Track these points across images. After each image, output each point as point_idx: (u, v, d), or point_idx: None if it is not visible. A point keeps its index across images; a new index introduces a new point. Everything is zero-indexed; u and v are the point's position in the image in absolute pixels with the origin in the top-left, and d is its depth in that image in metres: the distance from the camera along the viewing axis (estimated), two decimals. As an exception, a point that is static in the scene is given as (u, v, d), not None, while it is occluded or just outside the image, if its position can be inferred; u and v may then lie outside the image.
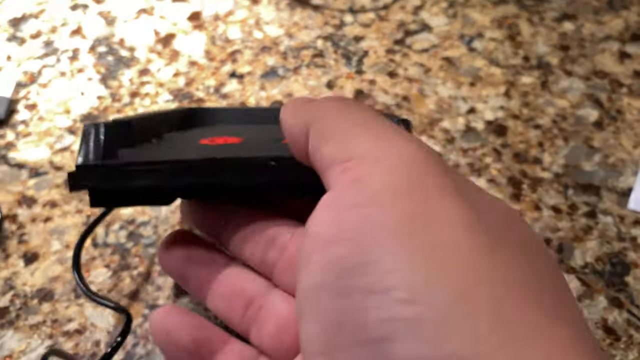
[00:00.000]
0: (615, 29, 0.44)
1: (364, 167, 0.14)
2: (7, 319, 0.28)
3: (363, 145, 0.14)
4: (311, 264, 0.13)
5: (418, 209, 0.12)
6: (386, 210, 0.13)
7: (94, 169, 0.18)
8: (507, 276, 0.12)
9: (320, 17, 0.44)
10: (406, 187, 0.13)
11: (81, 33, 0.42)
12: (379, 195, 0.13)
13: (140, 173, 0.18)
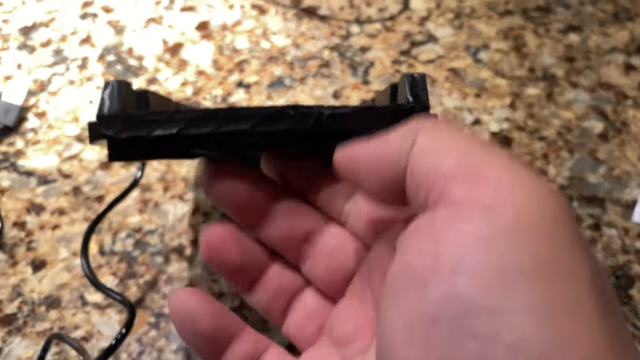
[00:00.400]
0: (620, 41, 0.44)
1: (495, 193, 0.13)
2: (15, 326, 0.28)
3: (490, 168, 0.13)
4: (429, 291, 0.12)
5: (552, 256, 0.12)
6: (522, 251, 0.12)
7: (115, 119, 0.18)
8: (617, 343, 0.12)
9: (326, 28, 0.44)
10: (543, 231, 0.12)
11: (90, 42, 0.43)
12: (515, 232, 0.12)
13: (161, 122, 0.18)
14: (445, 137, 0.14)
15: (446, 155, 0.14)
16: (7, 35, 0.43)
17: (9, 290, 0.30)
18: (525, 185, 0.13)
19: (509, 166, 0.13)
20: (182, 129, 0.18)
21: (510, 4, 0.47)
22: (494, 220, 0.12)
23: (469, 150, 0.14)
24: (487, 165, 0.13)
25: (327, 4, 0.46)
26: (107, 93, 0.19)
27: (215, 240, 0.20)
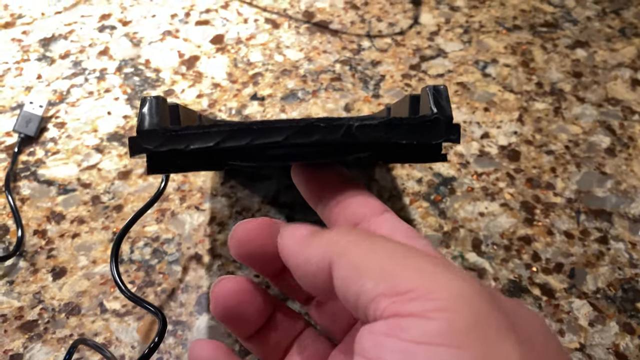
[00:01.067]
0: (627, 57, 0.45)
1: (421, 303, 0.14)
2: (36, 332, 0.29)
3: (411, 279, 0.15)
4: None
5: (485, 351, 0.13)
6: (456, 352, 0.13)
7: (154, 133, 0.19)
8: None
9: (338, 42, 0.45)
10: (470, 328, 0.14)
11: (108, 54, 0.44)
12: (447, 335, 0.13)
13: (197, 136, 0.19)
14: (361, 257, 0.16)
15: (366, 277, 0.15)
16: (27, 47, 0.44)
17: (30, 297, 0.30)
18: (442, 286, 0.14)
19: (420, 269, 0.15)
20: (219, 142, 0.19)
21: (519, 19, 0.48)
22: (428, 328, 0.14)
23: (384, 266, 0.15)
24: (403, 276, 0.15)
25: (338, 18, 0.47)
26: (145, 108, 0.20)
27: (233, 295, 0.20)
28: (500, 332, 0.14)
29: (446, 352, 0.13)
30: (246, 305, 0.20)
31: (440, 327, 0.14)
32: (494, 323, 0.14)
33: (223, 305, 0.20)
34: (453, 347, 0.13)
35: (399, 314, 0.14)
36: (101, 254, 0.32)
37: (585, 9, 0.49)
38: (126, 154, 0.37)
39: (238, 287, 0.20)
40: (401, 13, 0.48)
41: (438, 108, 0.19)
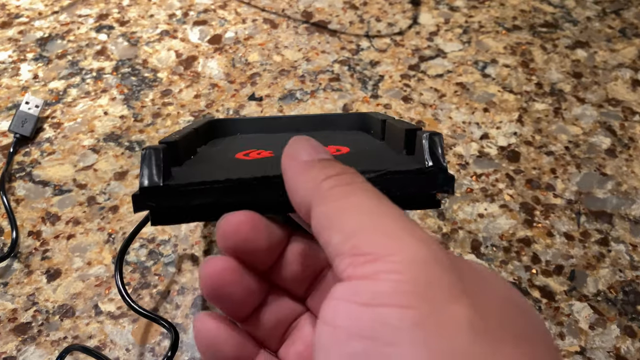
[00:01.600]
0: (628, 57, 0.44)
1: (376, 266, 0.14)
2: (29, 335, 0.29)
3: (372, 241, 0.15)
4: (330, 355, 0.14)
5: (431, 312, 0.14)
6: (402, 313, 0.14)
7: (157, 190, 0.20)
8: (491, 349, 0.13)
9: (337, 42, 0.45)
10: (420, 289, 0.14)
11: (105, 54, 0.43)
12: (393, 297, 0.14)
13: (199, 192, 0.20)
14: (335, 206, 0.16)
15: (334, 230, 0.16)
16: (24, 46, 0.44)
17: (24, 299, 0.30)
18: (401, 250, 0.15)
19: (385, 232, 0.15)
20: (218, 198, 0.20)
21: (518, 19, 0.48)
22: (377, 289, 0.14)
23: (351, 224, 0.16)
24: (366, 238, 0.15)
25: (337, 18, 0.47)
26: (146, 163, 0.20)
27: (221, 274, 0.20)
28: (451, 295, 0.14)
29: (391, 312, 0.13)
30: (236, 285, 0.20)
31: (388, 289, 0.14)
32: (446, 286, 0.14)
33: (212, 285, 0.19)
34: (399, 307, 0.13)
35: (355, 276, 0.15)
36: (96, 256, 0.32)
37: (585, 9, 0.49)
38: (122, 155, 0.37)
39: (227, 265, 0.20)
40: (400, 13, 0.48)
41: (433, 159, 0.20)
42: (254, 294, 0.20)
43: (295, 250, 0.21)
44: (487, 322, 0.14)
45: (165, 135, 0.37)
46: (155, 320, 0.27)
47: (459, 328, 0.13)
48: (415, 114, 0.40)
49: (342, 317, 0.14)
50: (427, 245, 0.15)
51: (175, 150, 0.22)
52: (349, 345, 0.14)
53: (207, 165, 0.24)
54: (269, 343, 0.21)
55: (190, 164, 0.24)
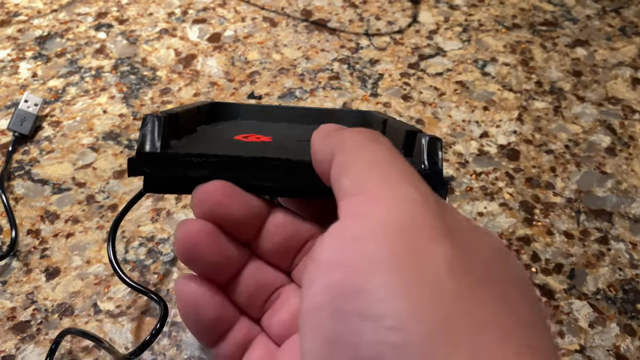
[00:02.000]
0: (627, 55, 0.44)
1: (368, 204, 0.15)
2: (28, 333, 0.29)
3: (371, 183, 0.16)
4: (313, 286, 0.15)
5: (411, 247, 0.14)
6: (382, 245, 0.14)
7: (154, 157, 0.20)
8: (484, 313, 0.13)
9: (336, 40, 0.45)
10: (401, 226, 0.14)
11: (104, 52, 0.43)
12: (377, 231, 0.14)
13: (196, 164, 0.20)
14: (352, 157, 0.17)
15: (346, 175, 0.17)
16: (23, 45, 0.44)
17: (23, 297, 0.30)
18: (394, 192, 0.15)
19: (385, 177, 0.16)
20: (214, 172, 0.20)
21: (518, 18, 0.47)
22: (365, 224, 0.15)
23: (360, 169, 0.17)
24: (367, 180, 0.16)
25: (337, 16, 0.47)
26: (146, 129, 0.20)
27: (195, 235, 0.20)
28: (433, 235, 0.14)
29: (373, 246, 0.14)
30: (211, 247, 0.20)
31: (374, 225, 0.14)
32: (429, 226, 0.15)
33: (186, 245, 0.20)
34: (380, 241, 0.14)
35: (348, 215, 0.15)
36: (95, 254, 0.32)
37: (585, 7, 0.49)
38: (121, 153, 0.37)
39: (202, 227, 0.20)
40: (400, 11, 0.48)
41: (430, 163, 0.20)
42: (232, 259, 0.21)
43: (275, 222, 0.21)
44: (466, 264, 0.14)
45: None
46: (144, 293, 0.27)
47: (436, 264, 0.14)
48: (415, 112, 0.40)
49: (328, 250, 0.15)
50: (420, 191, 0.16)
51: (176, 121, 0.22)
52: (331, 274, 0.14)
53: (206, 142, 0.24)
54: (250, 310, 0.22)
55: (189, 139, 0.24)
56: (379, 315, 0.13)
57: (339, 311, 0.14)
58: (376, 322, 0.13)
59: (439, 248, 0.14)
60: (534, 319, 0.14)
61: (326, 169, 0.18)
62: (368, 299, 0.13)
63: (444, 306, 0.13)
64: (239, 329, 0.21)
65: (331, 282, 0.14)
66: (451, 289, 0.13)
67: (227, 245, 0.20)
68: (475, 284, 0.14)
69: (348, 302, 0.14)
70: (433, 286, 0.13)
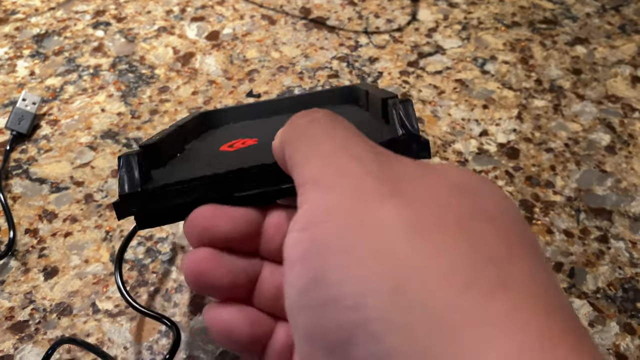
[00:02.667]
0: (627, 53, 0.44)
1: (309, 193, 0.15)
2: (27, 333, 0.29)
3: (312, 171, 0.16)
4: (285, 286, 0.15)
5: (358, 221, 0.14)
6: (329, 229, 0.14)
7: (136, 196, 0.20)
8: (441, 263, 0.12)
9: (335, 38, 0.45)
10: (342, 204, 0.14)
11: (102, 50, 0.43)
12: (324, 215, 0.14)
13: (177, 192, 0.20)
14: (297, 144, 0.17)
15: (293, 168, 0.17)
16: (21, 43, 0.44)
17: (21, 297, 0.30)
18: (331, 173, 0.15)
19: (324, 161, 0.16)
20: (198, 194, 0.20)
21: (518, 16, 0.47)
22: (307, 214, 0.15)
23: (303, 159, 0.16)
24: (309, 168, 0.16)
25: (336, 14, 0.47)
26: (123, 171, 0.20)
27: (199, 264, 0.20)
28: (377, 198, 0.14)
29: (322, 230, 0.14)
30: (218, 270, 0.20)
31: (320, 209, 0.14)
32: (371, 191, 0.14)
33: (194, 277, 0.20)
34: (329, 223, 0.14)
35: (300, 205, 0.15)
36: (94, 253, 0.32)
37: (584, 5, 0.49)
38: (120, 152, 0.37)
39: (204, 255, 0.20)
40: (399, 9, 0.48)
41: (404, 127, 0.20)
42: (244, 273, 0.21)
43: (272, 222, 0.21)
44: (416, 215, 0.13)
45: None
46: (157, 319, 0.26)
47: (387, 227, 0.13)
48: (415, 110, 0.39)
49: (289, 248, 0.15)
50: (358, 159, 0.15)
51: (155, 151, 0.22)
52: (293, 271, 0.15)
53: (191, 162, 0.24)
54: (280, 312, 0.21)
55: (174, 162, 0.24)
56: (337, 299, 0.13)
57: (305, 304, 0.14)
58: (336, 305, 0.13)
59: (385, 210, 0.14)
60: (510, 252, 0.13)
61: (283, 165, 0.19)
62: (325, 285, 0.13)
63: (397, 271, 0.13)
64: (279, 335, 0.21)
65: (293, 277, 0.14)
66: (402, 249, 0.13)
67: (234, 262, 0.20)
68: (430, 234, 0.13)
69: (311, 294, 0.14)
70: (383, 254, 0.13)
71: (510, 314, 0.11)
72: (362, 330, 0.12)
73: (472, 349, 0.11)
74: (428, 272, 0.12)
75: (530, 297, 0.12)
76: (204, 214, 0.20)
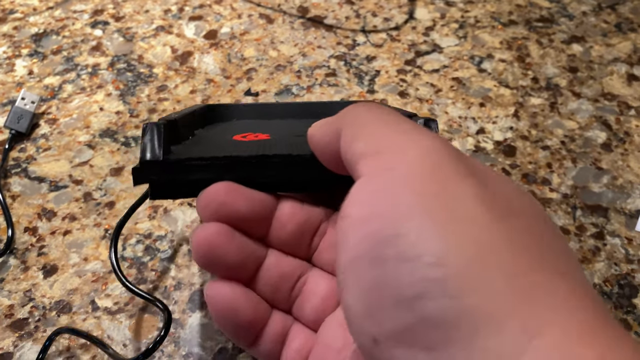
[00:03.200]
0: (623, 52, 0.44)
1: (392, 157, 0.16)
2: (26, 331, 0.29)
3: (390, 140, 0.16)
4: (348, 240, 0.15)
5: (440, 190, 0.14)
6: (411, 192, 0.15)
7: (157, 164, 0.20)
8: (516, 241, 0.14)
9: (333, 37, 0.45)
10: (429, 173, 0.15)
11: (101, 49, 0.43)
12: (407, 180, 0.15)
13: (198, 168, 0.20)
14: (360, 124, 0.18)
15: (359, 140, 0.17)
16: (19, 42, 0.44)
17: (20, 295, 0.30)
18: (413, 143, 0.16)
19: (401, 132, 0.17)
20: (216, 173, 0.20)
21: (514, 14, 0.48)
22: (392, 176, 0.15)
23: (375, 131, 0.17)
24: (386, 138, 0.17)
25: (333, 13, 0.47)
26: (147, 138, 0.20)
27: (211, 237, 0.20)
28: (458, 175, 0.15)
29: (402, 193, 0.15)
30: (227, 247, 0.20)
31: (399, 175, 0.15)
32: (454, 168, 0.15)
33: (203, 249, 0.20)
34: (409, 188, 0.15)
35: (372, 172, 0.16)
36: (93, 251, 0.32)
37: (581, 3, 0.49)
38: (118, 150, 0.37)
39: (216, 229, 0.20)
40: (396, 8, 0.48)
41: None
42: (251, 255, 0.21)
43: (285, 211, 0.21)
44: (492, 199, 0.15)
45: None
46: (148, 300, 0.27)
47: (465, 200, 0.14)
48: (412, 109, 0.40)
49: (358, 204, 0.15)
50: (436, 138, 0.16)
51: (175, 128, 0.23)
52: (364, 226, 0.15)
53: (206, 145, 0.24)
54: (278, 302, 0.22)
55: (188, 144, 0.24)
56: (416, 256, 0.14)
57: (377, 258, 0.14)
58: (415, 262, 0.13)
59: (465, 186, 0.15)
60: (560, 248, 0.15)
61: (333, 150, 0.19)
62: (404, 242, 0.14)
63: (479, 237, 0.14)
64: (274, 324, 0.21)
65: (367, 232, 0.15)
66: (482, 220, 0.14)
67: (244, 242, 0.20)
68: (503, 216, 0.14)
69: (385, 249, 0.14)
70: (465, 221, 0.14)
71: (571, 293, 0.13)
72: (440, 286, 0.13)
73: (541, 317, 0.12)
74: (506, 245, 0.14)
75: (581, 285, 0.14)
76: (224, 189, 0.20)
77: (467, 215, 0.14)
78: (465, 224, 0.14)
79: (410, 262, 0.14)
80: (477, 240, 0.13)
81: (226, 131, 0.28)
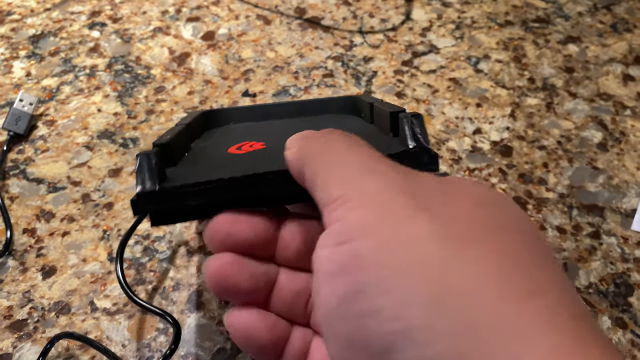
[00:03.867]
0: (619, 52, 0.45)
1: (340, 209, 0.16)
2: (25, 332, 0.29)
3: (339, 189, 0.17)
4: (320, 297, 0.16)
5: (391, 235, 0.15)
6: (365, 243, 0.15)
7: (153, 195, 0.20)
8: (477, 274, 0.13)
9: (330, 38, 0.45)
10: (380, 217, 0.15)
11: (98, 51, 0.43)
12: (354, 232, 0.15)
13: (194, 193, 0.20)
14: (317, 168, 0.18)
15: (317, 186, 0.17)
16: (17, 44, 0.44)
17: (19, 296, 0.30)
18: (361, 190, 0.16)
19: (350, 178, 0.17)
20: (212, 196, 0.21)
21: (510, 15, 0.48)
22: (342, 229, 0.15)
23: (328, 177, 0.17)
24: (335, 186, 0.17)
25: (330, 14, 0.47)
26: (140, 169, 0.21)
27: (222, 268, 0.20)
28: (407, 214, 0.15)
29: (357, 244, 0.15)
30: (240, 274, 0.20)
31: (352, 224, 0.15)
32: (401, 207, 0.15)
33: (218, 281, 0.20)
34: (362, 238, 0.15)
35: (330, 222, 0.16)
36: (91, 252, 0.32)
37: (576, 4, 0.49)
38: (116, 152, 0.37)
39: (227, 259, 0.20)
40: (393, 9, 0.48)
41: (416, 140, 0.21)
42: (263, 278, 0.21)
43: (290, 229, 0.22)
44: (448, 229, 0.14)
45: (159, 132, 0.38)
46: (158, 314, 0.27)
47: (421, 240, 0.14)
48: (409, 109, 0.40)
49: (323, 262, 0.16)
50: (384, 177, 0.16)
51: (168, 151, 0.23)
52: (331, 283, 0.15)
53: (201, 163, 0.24)
54: (296, 318, 0.22)
55: (185, 162, 0.24)
56: (377, 310, 0.14)
57: (345, 315, 0.15)
58: (378, 316, 0.14)
59: (416, 226, 0.15)
60: (535, 261, 0.14)
61: (301, 181, 0.19)
62: (364, 298, 0.14)
63: (436, 281, 0.13)
64: (294, 340, 0.21)
65: (332, 289, 0.15)
66: (438, 260, 0.14)
67: (254, 266, 0.21)
68: (462, 245, 0.14)
69: (350, 305, 0.14)
70: (419, 265, 0.14)
71: (543, 317, 0.12)
72: (406, 337, 0.13)
73: (510, 350, 0.12)
74: (464, 280, 0.13)
75: (559, 302, 0.13)
76: (227, 220, 0.20)
77: (420, 259, 0.14)
78: (420, 269, 0.14)
79: (372, 317, 0.14)
80: (434, 285, 0.13)
81: (221, 141, 0.28)
